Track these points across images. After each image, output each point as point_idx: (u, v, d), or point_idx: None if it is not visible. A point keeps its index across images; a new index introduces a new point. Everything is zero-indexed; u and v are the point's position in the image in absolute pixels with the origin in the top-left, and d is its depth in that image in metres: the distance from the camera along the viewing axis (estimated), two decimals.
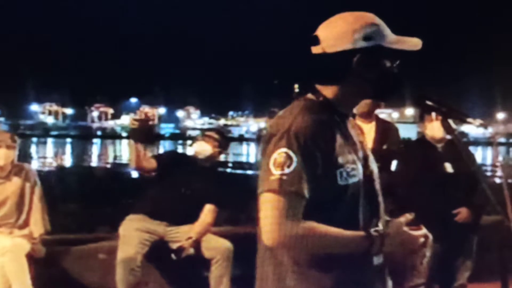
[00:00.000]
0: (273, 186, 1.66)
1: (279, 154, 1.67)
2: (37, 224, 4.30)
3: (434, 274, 4.03)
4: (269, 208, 1.67)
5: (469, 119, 1.89)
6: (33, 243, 4.22)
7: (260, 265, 1.83)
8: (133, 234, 4.29)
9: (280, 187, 1.65)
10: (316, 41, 1.79)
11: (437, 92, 1.94)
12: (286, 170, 1.65)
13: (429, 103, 1.92)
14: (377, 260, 1.80)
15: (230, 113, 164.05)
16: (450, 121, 1.91)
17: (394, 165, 4.16)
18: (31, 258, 4.12)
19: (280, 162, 1.66)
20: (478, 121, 1.90)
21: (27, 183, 4.33)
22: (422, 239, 1.79)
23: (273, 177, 1.66)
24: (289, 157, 1.66)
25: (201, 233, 4.39)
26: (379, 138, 4.16)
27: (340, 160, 1.72)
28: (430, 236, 1.85)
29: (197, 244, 4.35)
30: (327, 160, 1.69)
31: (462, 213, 3.98)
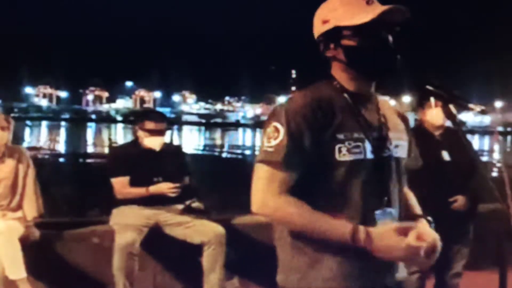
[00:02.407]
0: (260, 157, 1.76)
1: (269, 127, 1.76)
2: (31, 207, 4.28)
3: None
4: (255, 177, 1.76)
5: (470, 105, 1.86)
6: (26, 226, 4.19)
7: None
8: (130, 219, 4.32)
9: (265, 158, 1.74)
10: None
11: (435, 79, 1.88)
12: (273, 142, 1.73)
13: (429, 87, 1.87)
14: None
15: (226, 98, 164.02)
16: (451, 107, 1.87)
17: None
18: (24, 241, 4.08)
19: (269, 135, 1.75)
20: (479, 107, 1.87)
21: (20, 166, 4.30)
22: (421, 252, 1.66)
23: (262, 148, 1.76)
24: (276, 129, 1.73)
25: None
26: None
27: (340, 136, 1.74)
28: (439, 247, 1.78)
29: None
30: (321, 135, 1.72)
31: (459, 201, 3.96)
